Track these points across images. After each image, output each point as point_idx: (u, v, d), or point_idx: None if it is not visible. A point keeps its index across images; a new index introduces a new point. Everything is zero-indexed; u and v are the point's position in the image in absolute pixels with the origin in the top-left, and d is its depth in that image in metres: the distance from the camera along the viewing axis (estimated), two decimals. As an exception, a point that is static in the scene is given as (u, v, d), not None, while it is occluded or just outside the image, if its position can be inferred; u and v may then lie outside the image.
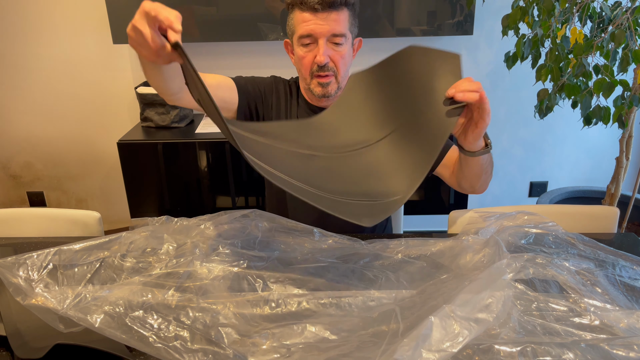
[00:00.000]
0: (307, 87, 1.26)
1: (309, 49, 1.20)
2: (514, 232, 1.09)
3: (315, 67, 1.20)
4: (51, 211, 1.36)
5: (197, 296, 0.89)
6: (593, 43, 1.56)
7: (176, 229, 1.08)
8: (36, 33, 2.36)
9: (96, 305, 0.83)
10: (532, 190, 2.67)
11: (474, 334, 0.72)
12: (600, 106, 1.62)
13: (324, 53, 1.18)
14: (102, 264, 0.98)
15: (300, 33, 1.18)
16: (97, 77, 2.45)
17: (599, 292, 0.91)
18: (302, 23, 1.18)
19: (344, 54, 1.21)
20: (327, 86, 1.22)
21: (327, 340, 0.80)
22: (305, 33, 1.17)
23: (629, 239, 1.19)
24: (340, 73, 1.23)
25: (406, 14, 2.18)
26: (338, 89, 1.25)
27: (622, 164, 1.89)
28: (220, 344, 0.78)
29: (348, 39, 1.21)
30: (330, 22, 1.16)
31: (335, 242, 1.07)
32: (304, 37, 1.18)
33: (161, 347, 0.76)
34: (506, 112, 2.50)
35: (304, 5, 1.16)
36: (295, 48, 1.23)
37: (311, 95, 1.28)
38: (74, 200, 2.71)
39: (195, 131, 2.23)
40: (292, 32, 1.23)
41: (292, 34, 1.23)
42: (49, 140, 2.57)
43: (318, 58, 1.18)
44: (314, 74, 1.21)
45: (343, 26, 1.18)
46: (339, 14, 1.17)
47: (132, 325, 0.80)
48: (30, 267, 0.90)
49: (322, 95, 1.24)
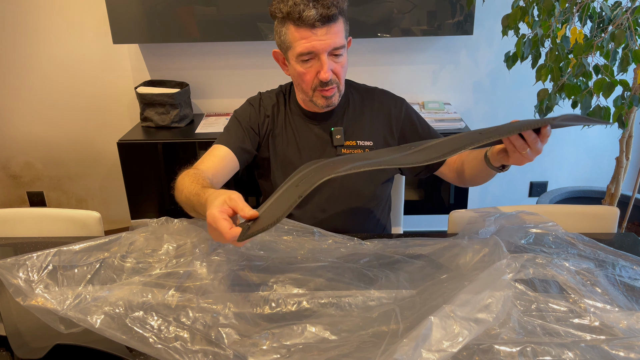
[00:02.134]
0: (308, 99, 1.25)
1: (309, 65, 1.17)
2: (514, 232, 1.09)
3: (317, 82, 1.18)
4: (51, 211, 1.36)
5: (197, 296, 0.89)
6: (593, 43, 1.56)
7: (176, 230, 1.08)
8: (36, 33, 2.36)
9: (96, 306, 0.83)
10: (532, 190, 2.67)
11: (474, 334, 0.72)
12: (600, 106, 1.62)
13: (327, 70, 1.15)
14: (102, 264, 0.98)
15: (300, 51, 1.14)
16: (97, 77, 2.45)
17: (598, 292, 0.91)
18: (300, 40, 1.13)
19: (344, 64, 1.20)
20: (331, 98, 1.22)
21: (327, 341, 0.80)
22: (306, 51, 1.14)
23: (629, 239, 1.19)
24: (342, 82, 1.22)
25: (406, 14, 2.18)
26: (340, 96, 1.24)
27: (622, 164, 1.89)
28: (221, 345, 0.78)
29: (345, 47, 1.19)
30: (330, 36, 1.13)
31: (335, 242, 1.07)
32: (305, 55, 1.15)
33: (161, 348, 0.76)
34: (506, 112, 2.50)
35: (301, 22, 1.11)
36: (292, 63, 1.19)
37: (312, 106, 1.27)
38: (74, 200, 2.71)
39: (195, 131, 2.23)
40: (287, 47, 1.18)
41: (287, 49, 1.18)
42: (49, 140, 2.57)
43: (322, 75, 1.16)
44: (316, 89, 1.20)
45: (341, 37, 1.16)
46: (337, 26, 1.14)
47: (132, 326, 0.80)
48: (30, 268, 0.90)
49: (326, 106, 1.23)
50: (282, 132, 1.31)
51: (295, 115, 1.31)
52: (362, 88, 1.37)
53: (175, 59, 2.40)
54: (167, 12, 2.15)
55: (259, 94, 1.35)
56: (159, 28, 2.18)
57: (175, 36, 2.20)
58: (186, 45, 2.37)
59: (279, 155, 1.31)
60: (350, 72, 2.29)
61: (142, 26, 2.18)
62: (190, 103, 2.37)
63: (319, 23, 1.11)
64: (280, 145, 1.31)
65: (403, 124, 1.33)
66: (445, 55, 2.39)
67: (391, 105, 1.33)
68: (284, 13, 1.13)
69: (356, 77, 1.48)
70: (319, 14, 1.10)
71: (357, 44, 2.33)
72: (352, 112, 1.32)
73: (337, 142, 1.29)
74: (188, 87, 2.34)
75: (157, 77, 2.44)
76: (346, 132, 1.30)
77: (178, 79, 2.42)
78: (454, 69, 2.42)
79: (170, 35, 2.20)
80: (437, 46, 2.37)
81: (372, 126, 1.31)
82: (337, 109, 1.31)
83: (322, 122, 1.31)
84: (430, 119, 2.20)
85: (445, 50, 2.38)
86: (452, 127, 2.17)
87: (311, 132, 1.31)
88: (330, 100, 1.22)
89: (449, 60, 2.40)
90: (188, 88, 2.34)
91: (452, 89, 2.45)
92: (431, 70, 2.42)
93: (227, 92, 2.46)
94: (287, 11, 1.12)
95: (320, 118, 1.31)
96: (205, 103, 2.49)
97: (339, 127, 1.30)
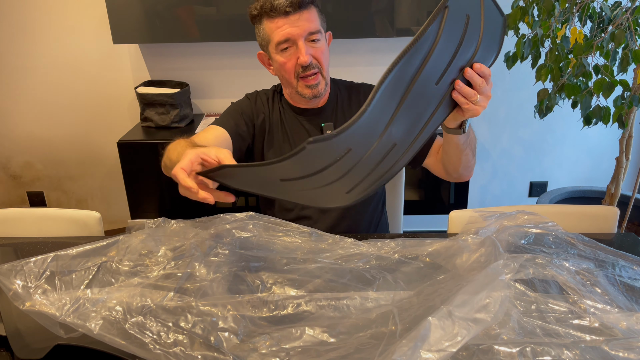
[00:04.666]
0: (294, 92, 1.27)
1: (289, 53, 1.20)
2: (514, 232, 1.09)
3: (299, 69, 1.21)
4: (51, 211, 1.37)
5: (196, 298, 0.89)
6: (593, 43, 1.56)
7: (173, 231, 1.08)
8: (36, 33, 2.36)
9: (95, 311, 0.83)
10: (532, 190, 2.67)
11: (473, 333, 0.72)
12: (600, 106, 1.62)
13: (306, 53, 1.18)
14: (99, 268, 0.97)
15: (278, 40, 1.19)
16: (97, 77, 2.45)
17: (598, 293, 0.91)
18: (276, 30, 1.18)
19: (323, 49, 1.22)
20: (316, 87, 1.24)
21: (325, 343, 0.80)
22: (283, 38, 1.18)
23: (629, 239, 1.19)
24: (324, 68, 1.24)
25: (406, 14, 2.17)
26: (326, 85, 1.26)
27: (622, 164, 1.89)
28: (220, 349, 0.78)
29: (322, 34, 1.22)
30: (304, 22, 1.17)
31: (333, 243, 1.07)
32: (282, 43, 1.19)
33: (161, 354, 0.76)
34: (506, 112, 2.50)
35: (274, 12, 1.16)
36: (273, 56, 1.23)
37: (299, 99, 1.29)
38: (74, 200, 2.72)
39: (195, 131, 2.22)
40: (266, 42, 1.22)
41: (266, 44, 1.23)
42: (49, 140, 2.57)
43: (301, 59, 1.19)
44: (299, 75, 1.22)
45: (316, 23, 1.20)
46: (309, 12, 1.18)
47: (131, 331, 0.80)
48: (27, 274, 0.90)
49: (313, 96, 1.25)
50: (277, 128, 1.33)
51: (287, 111, 1.34)
52: (348, 84, 1.39)
53: (175, 59, 2.40)
54: (167, 12, 2.15)
55: (256, 91, 1.39)
56: (159, 28, 2.18)
57: (175, 36, 2.20)
58: (186, 45, 2.37)
59: (276, 150, 1.33)
60: (350, 72, 2.30)
61: (142, 26, 2.18)
62: (190, 103, 2.37)
63: (290, 9, 1.15)
64: (277, 141, 1.33)
65: None
66: (445, 55, 2.38)
67: None
68: (258, 9, 1.19)
69: (356, 77, 1.48)
70: (289, 0, 1.15)
71: (357, 44, 2.34)
72: (340, 108, 1.34)
73: None
74: (188, 87, 2.34)
75: (157, 77, 2.44)
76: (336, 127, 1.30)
77: (178, 79, 2.42)
78: (454, 68, 2.41)
79: (170, 35, 2.20)
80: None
81: None
82: (327, 106, 1.33)
83: (313, 119, 1.33)
84: (430, 119, 2.20)
85: (445, 50, 2.37)
86: (452, 127, 2.17)
87: (302, 128, 1.33)
88: (316, 89, 1.23)
89: (449, 60, 2.40)
90: (188, 88, 2.34)
91: (452, 89, 2.45)
92: (431, 70, 2.41)
93: (227, 92, 2.46)
94: (260, 5, 1.18)
95: (311, 114, 1.33)
96: (205, 103, 2.49)
97: (330, 122, 1.32)
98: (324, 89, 1.26)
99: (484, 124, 2.52)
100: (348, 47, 2.33)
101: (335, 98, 1.35)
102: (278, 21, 1.17)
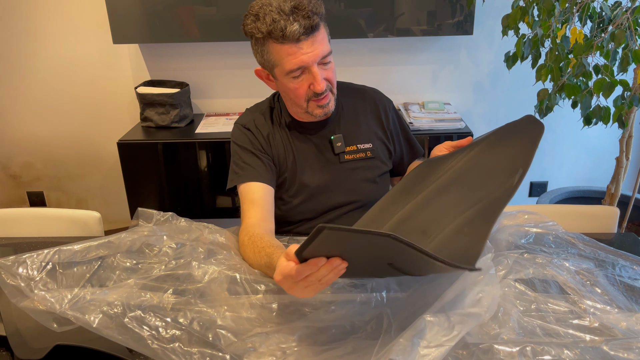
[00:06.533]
0: (302, 112, 1.21)
1: (301, 79, 1.13)
2: (514, 231, 1.09)
3: (311, 94, 1.15)
4: (51, 211, 1.37)
5: (195, 298, 0.89)
6: (593, 43, 1.56)
7: (177, 229, 1.08)
8: (36, 33, 2.36)
9: (94, 305, 0.83)
10: (532, 190, 2.67)
11: (468, 327, 0.72)
12: (600, 106, 1.62)
13: (321, 81, 1.12)
14: (101, 264, 0.98)
15: (290, 68, 1.10)
16: (97, 77, 2.45)
17: (598, 293, 0.91)
18: (286, 57, 1.09)
19: (333, 68, 1.17)
20: (327, 105, 1.18)
21: (321, 343, 0.80)
22: (296, 67, 1.09)
23: (629, 239, 1.19)
24: (334, 86, 1.19)
25: (406, 14, 2.18)
26: (335, 100, 1.21)
27: (622, 164, 1.89)
28: (218, 346, 0.78)
29: (331, 51, 1.15)
30: (316, 46, 1.09)
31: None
32: (295, 71, 1.11)
33: (158, 349, 0.76)
34: (506, 112, 2.50)
35: (285, 38, 1.06)
36: (282, 80, 1.15)
37: (307, 116, 1.23)
38: (74, 200, 2.71)
39: (195, 131, 2.23)
40: (272, 65, 1.13)
41: (272, 67, 1.14)
42: (49, 140, 2.57)
43: (317, 87, 1.12)
44: (310, 100, 1.16)
45: (326, 43, 1.12)
46: (319, 33, 1.09)
47: (129, 326, 0.80)
48: (30, 266, 0.90)
49: (324, 114, 1.20)
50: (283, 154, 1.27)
51: (291, 130, 1.28)
52: (351, 88, 1.34)
53: (175, 59, 2.40)
54: (167, 12, 2.15)
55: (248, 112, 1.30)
56: (159, 28, 2.18)
57: (175, 36, 2.20)
58: (186, 45, 2.37)
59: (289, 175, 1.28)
60: (350, 72, 2.30)
61: (142, 26, 2.18)
62: (190, 103, 2.37)
63: (304, 37, 1.06)
64: (285, 165, 1.27)
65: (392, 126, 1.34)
66: (445, 55, 2.39)
67: (380, 106, 1.33)
68: (264, 32, 1.07)
69: (356, 77, 1.47)
70: (302, 26, 1.05)
71: (357, 44, 2.33)
72: (347, 117, 1.30)
73: (338, 150, 1.27)
74: (188, 87, 2.34)
75: (157, 77, 2.44)
76: (345, 138, 1.28)
77: (178, 79, 2.42)
78: (454, 69, 2.42)
79: (170, 35, 2.20)
80: (437, 46, 2.37)
81: (368, 128, 1.31)
82: (332, 116, 1.27)
83: (320, 131, 1.28)
84: (430, 119, 2.20)
85: (445, 50, 2.38)
86: (452, 127, 2.17)
87: (310, 142, 1.27)
88: (327, 108, 1.18)
89: (449, 60, 2.40)
90: (188, 88, 2.34)
91: (452, 89, 2.45)
92: (431, 70, 2.42)
93: (227, 92, 2.46)
94: (268, 30, 1.06)
95: (317, 127, 1.27)
96: (205, 103, 2.49)
97: (338, 134, 1.27)
98: (334, 104, 1.21)
99: (484, 124, 2.52)
100: (348, 47, 2.33)
101: (340, 105, 1.30)
102: (289, 48, 1.07)
